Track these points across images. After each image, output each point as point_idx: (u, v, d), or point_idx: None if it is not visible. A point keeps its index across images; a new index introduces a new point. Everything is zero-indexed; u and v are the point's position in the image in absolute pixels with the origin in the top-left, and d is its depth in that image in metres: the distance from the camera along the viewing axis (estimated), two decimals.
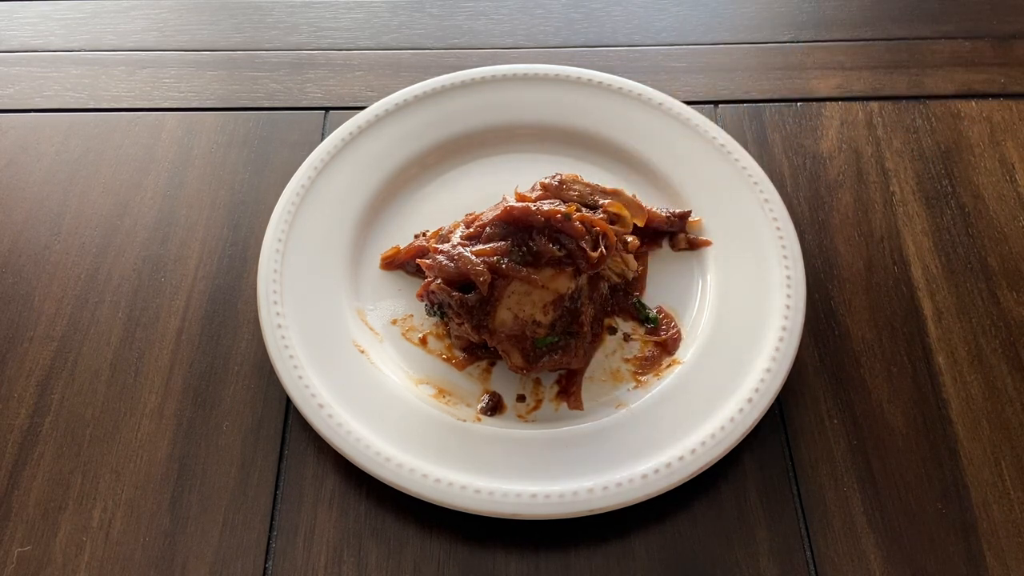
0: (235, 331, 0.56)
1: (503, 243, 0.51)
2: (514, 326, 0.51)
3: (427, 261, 0.52)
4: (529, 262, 0.50)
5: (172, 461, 0.51)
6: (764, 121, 0.67)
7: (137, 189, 0.64)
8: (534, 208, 0.51)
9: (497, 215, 0.51)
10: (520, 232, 0.51)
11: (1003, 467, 0.50)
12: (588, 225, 0.52)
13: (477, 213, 0.54)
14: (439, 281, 0.51)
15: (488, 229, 0.51)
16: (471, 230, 0.52)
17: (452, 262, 0.51)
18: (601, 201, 0.55)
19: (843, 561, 0.47)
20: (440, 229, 0.58)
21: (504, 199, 0.54)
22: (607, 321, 0.56)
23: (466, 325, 0.51)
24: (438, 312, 0.54)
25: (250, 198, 0.63)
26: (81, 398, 0.53)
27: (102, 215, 0.62)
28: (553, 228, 0.51)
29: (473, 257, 0.50)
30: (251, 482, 0.50)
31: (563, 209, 0.51)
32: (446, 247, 0.52)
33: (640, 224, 0.57)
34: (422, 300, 0.55)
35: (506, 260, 0.50)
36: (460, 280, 0.51)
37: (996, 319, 0.56)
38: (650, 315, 0.56)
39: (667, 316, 0.56)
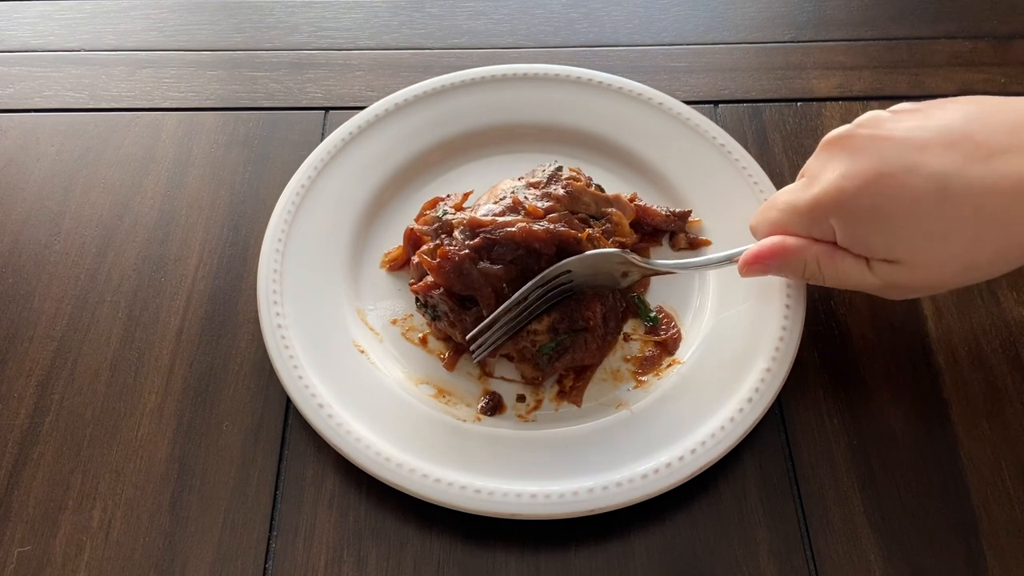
0: (235, 331, 0.56)
1: (512, 267, 0.50)
2: (510, 343, 0.51)
3: (431, 262, 0.51)
4: None
5: (172, 461, 0.51)
6: (764, 121, 0.67)
7: (137, 189, 0.64)
8: (550, 232, 0.50)
9: (510, 235, 0.50)
10: (529, 256, 0.50)
11: (1003, 467, 0.50)
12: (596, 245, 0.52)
13: (480, 215, 0.53)
14: (441, 291, 0.51)
15: (497, 247, 0.50)
16: (478, 240, 0.51)
17: (460, 277, 0.50)
18: (606, 210, 0.55)
19: (843, 561, 0.47)
20: (437, 199, 0.56)
21: (516, 201, 0.53)
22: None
23: (457, 331, 0.51)
24: (430, 312, 0.54)
25: (250, 198, 0.63)
26: (81, 398, 0.53)
27: (102, 215, 0.62)
28: (565, 249, 0.51)
29: (482, 279, 0.50)
30: (251, 482, 0.50)
31: (579, 235, 0.51)
32: (453, 250, 0.51)
33: (628, 221, 0.57)
34: (415, 294, 0.54)
35: (511, 285, 0.50)
36: (463, 293, 0.51)
37: (996, 319, 0.56)
38: (651, 314, 0.56)
39: (667, 316, 0.56)
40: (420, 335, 0.56)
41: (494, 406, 0.52)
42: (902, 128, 0.44)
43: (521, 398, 0.53)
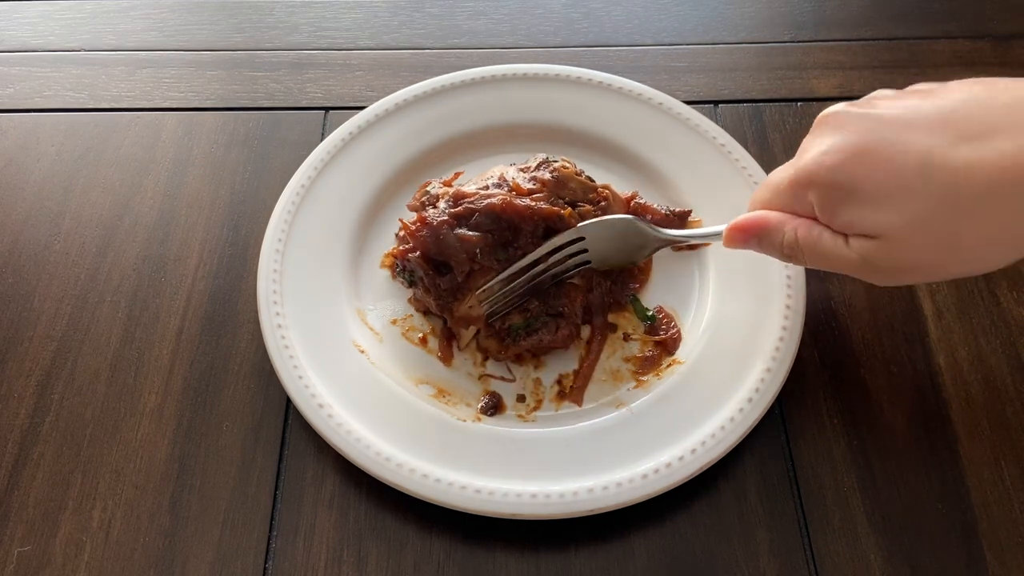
0: (235, 331, 0.56)
1: (488, 235, 0.51)
2: (479, 317, 0.52)
3: (410, 227, 0.52)
4: (509, 259, 0.51)
5: (172, 461, 0.51)
6: (764, 121, 0.67)
7: (137, 189, 0.64)
8: (532, 209, 0.51)
9: (491, 206, 0.51)
10: (507, 229, 0.51)
11: (1003, 467, 0.50)
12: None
13: (466, 189, 0.54)
14: (418, 254, 0.52)
15: (477, 216, 0.51)
16: (460, 209, 0.52)
17: (436, 242, 0.51)
18: (594, 194, 0.55)
19: (843, 561, 0.47)
20: (427, 184, 0.57)
21: (502, 178, 0.54)
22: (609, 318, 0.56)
23: (431, 298, 0.53)
24: (407, 277, 0.54)
25: (250, 198, 0.63)
26: (81, 398, 0.53)
27: (102, 215, 0.62)
28: (547, 226, 0.51)
29: (457, 244, 0.50)
30: (251, 482, 0.50)
31: (561, 212, 0.51)
32: (432, 216, 0.52)
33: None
34: (395, 259, 0.55)
35: (486, 254, 0.51)
36: (439, 258, 0.51)
37: (996, 319, 0.56)
38: (648, 313, 0.56)
39: (667, 316, 0.56)
40: (420, 335, 0.56)
41: (494, 406, 0.52)
42: (895, 107, 0.44)
43: (521, 398, 0.53)
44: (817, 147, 0.44)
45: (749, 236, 0.48)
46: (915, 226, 0.41)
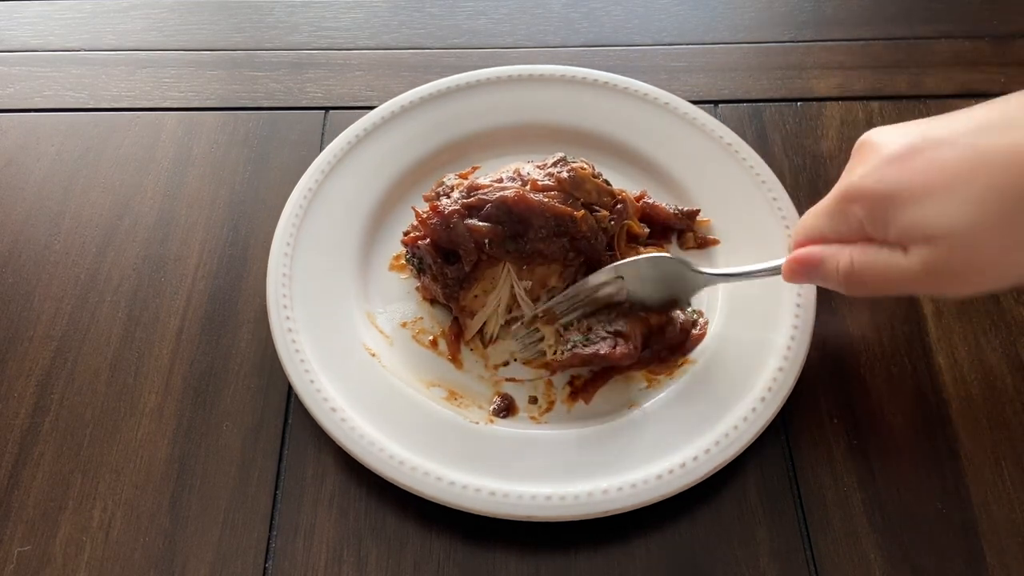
0: (235, 331, 0.56)
1: (498, 227, 0.51)
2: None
3: (422, 214, 0.52)
4: (518, 251, 0.51)
5: (172, 461, 0.51)
6: (764, 121, 0.67)
7: (137, 189, 0.64)
8: (544, 204, 0.51)
9: (503, 198, 0.51)
10: (518, 222, 0.51)
11: (1003, 467, 0.50)
12: (594, 228, 0.53)
13: (481, 181, 0.54)
14: (428, 241, 0.52)
15: (489, 207, 0.51)
16: (472, 199, 0.52)
17: (446, 230, 0.51)
18: (612, 199, 0.55)
19: (843, 561, 0.47)
20: (443, 179, 0.57)
21: (517, 173, 0.54)
22: None
23: (438, 287, 0.53)
24: (416, 263, 0.54)
25: (250, 198, 0.63)
26: (81, 398, 0.53)
27: (102, 215, 0.62)
28: (559, 224, 0.51)
29: (467, 233, 0.51)
30: (251, 482, 0.50)
31: (574, 212, 0.51)
32: (445, 205, 0.52)
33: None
34: (406, 247, 0.55)
35: (495, 245, 0.51)
36: (448, 247, 0.52)
37: (996, 319, 0.56)
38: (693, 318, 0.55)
39: (697, 313, 0.55)
40: (430, 337, 0.55)
41: (506, 408, 0.52)
42: (932, 119, 0.43)
43: (533, 400, 0.53)
44: (860, 164, 0.43)
45: (809, 268, 0.47)
46: (976, 218, 0.39)
